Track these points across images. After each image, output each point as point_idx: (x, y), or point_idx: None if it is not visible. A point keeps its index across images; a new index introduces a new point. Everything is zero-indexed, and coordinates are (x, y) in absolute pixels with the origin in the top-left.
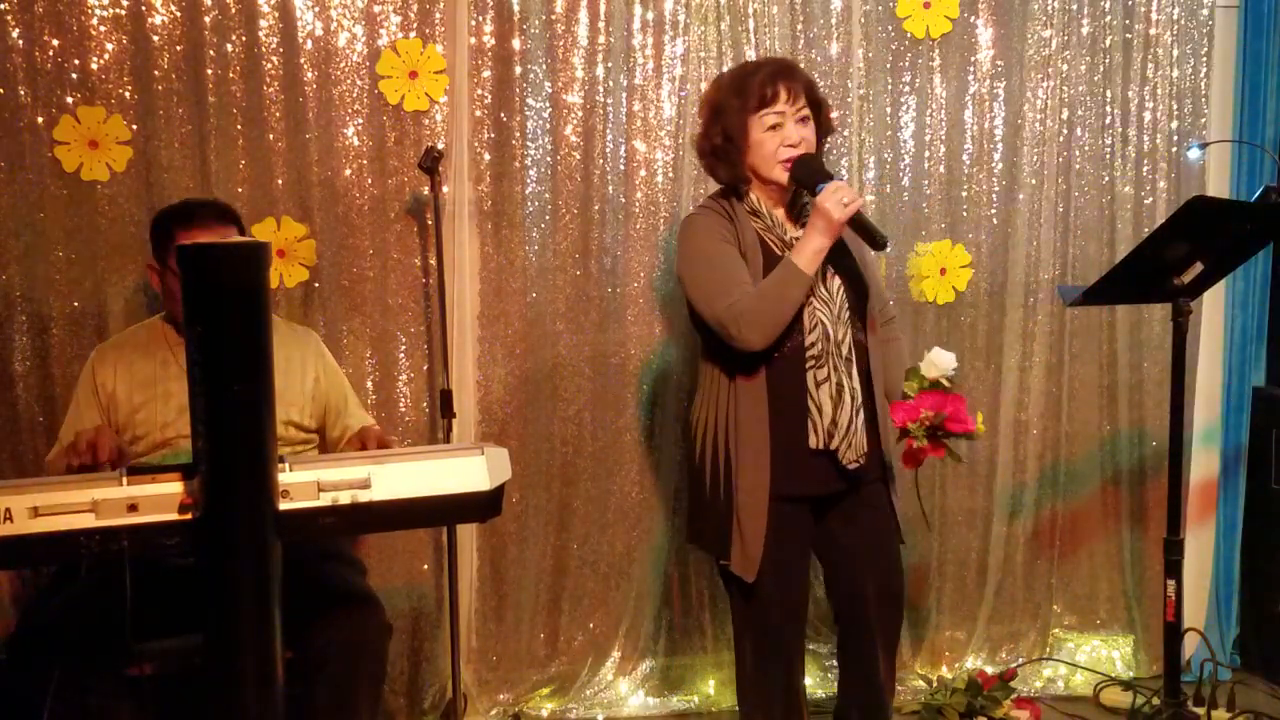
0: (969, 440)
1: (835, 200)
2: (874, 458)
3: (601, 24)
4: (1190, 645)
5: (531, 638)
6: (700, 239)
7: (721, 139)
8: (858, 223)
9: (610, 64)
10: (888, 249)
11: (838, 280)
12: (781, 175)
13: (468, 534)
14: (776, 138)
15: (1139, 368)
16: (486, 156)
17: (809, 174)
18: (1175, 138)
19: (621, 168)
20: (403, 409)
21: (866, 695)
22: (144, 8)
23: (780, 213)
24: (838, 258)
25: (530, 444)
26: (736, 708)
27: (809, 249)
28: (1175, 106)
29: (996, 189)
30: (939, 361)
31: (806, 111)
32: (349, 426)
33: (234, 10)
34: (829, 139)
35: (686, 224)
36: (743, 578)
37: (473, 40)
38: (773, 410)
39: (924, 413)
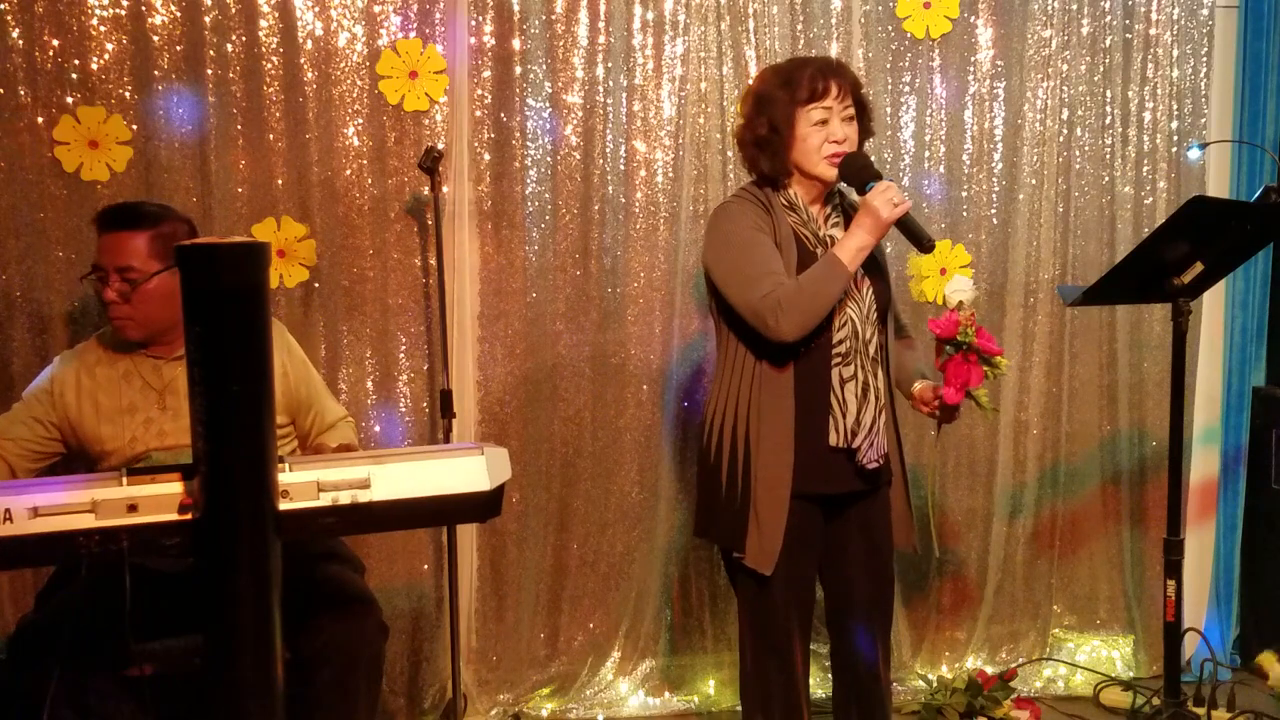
0: (994, 373)
1: (885, 199)
2: (890, 460)
3: (601, 24)
4: (1190, 645)
5: (531, 638)
6: (736, 226)
7: (767, 129)
8: (905, 224)
9: (610, 64)
10: (933, 251)
11: (867, 281)
12: (828, 171)
13: (468, 534)
14: (822, 133)
15: (1139, 368)
16: (486, 156)
17: (858, 171)
18: (1175, 138)
19: (621, 168)
20: (403, 409)
21: (862, 695)
22: (144, 8)
23: (816, 209)
24: (868, 261)
25: (530, 444)
26: (737, 707)
27: (853, 245)
28: (1175, 106)
29: (996, 189)
30: (962, 286)
31: (852, 111)
32: (323, 419)
33: (234, 10)
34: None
35: (721, 211)
36: (758, 570)
37: (473, 40)
38: (798, 405)
39: (964, 314)
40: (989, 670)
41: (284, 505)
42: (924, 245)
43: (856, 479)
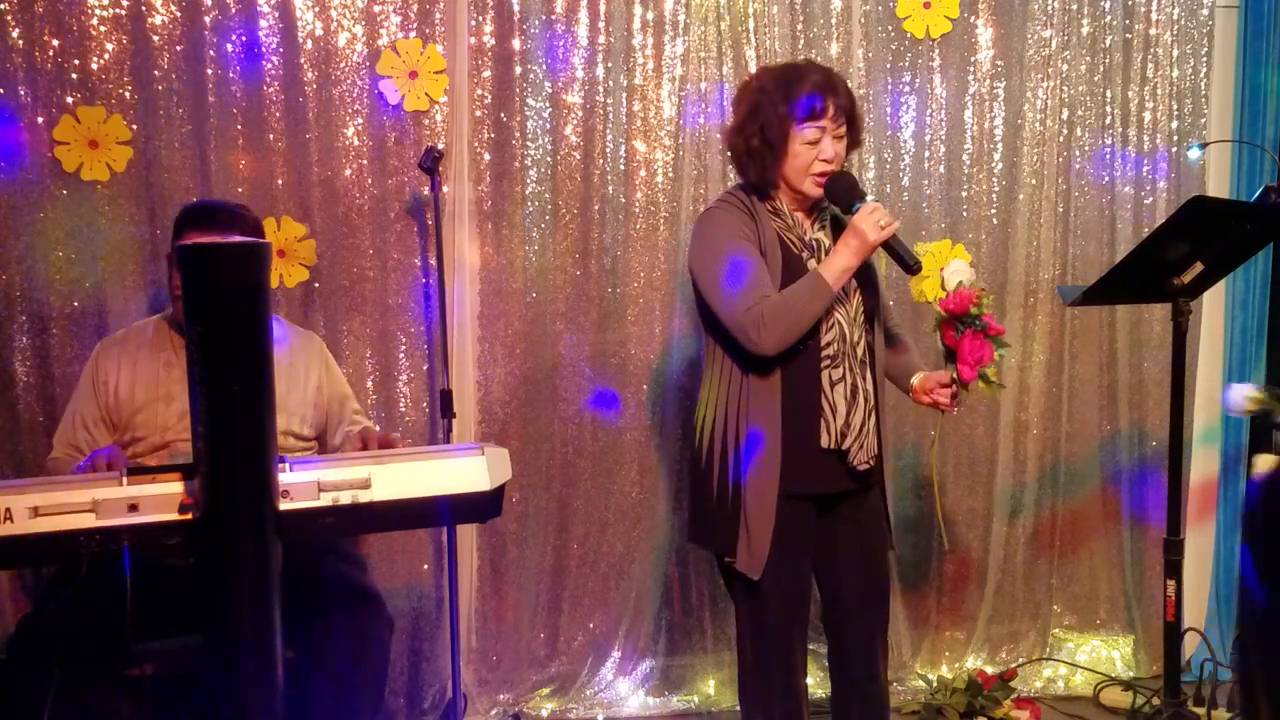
0: (999, 352)
1: (872, 222)
2: (880, 460)
3: (601, 24)
4: (1190, 645)
5: (531, 638)
6: (720, 234)
7: (759, 141)
8: (890, 246)
9: (610, 64)
10: (919, 273)
11: (855, 285)
12: (814, 190)
13: (468, 534)
14: (813, 152)
15: (1139, 368)
16: (486, 156)
17: (844, 192)
18: (1175, 138)
19: (621, 168)
20: (403, 409)
21: (861, 694)
22: (144, 8)
23: (801, 215)
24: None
25: (530, 444)
26: (737, 707)
27: (838, 266)
28: (1175, 106)
29: (996, 189)
30: (959, 268)
31: (844, 129)
32: (349, 433)
33: (234, 10)
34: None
35: (706, 218)
36: (748, 574)
37: (473, 40)
38: (785, 409)
39: (976, 287)
40: (989, 670)
41: (284, 505)
42: (910, 268)
43: (848, 479)
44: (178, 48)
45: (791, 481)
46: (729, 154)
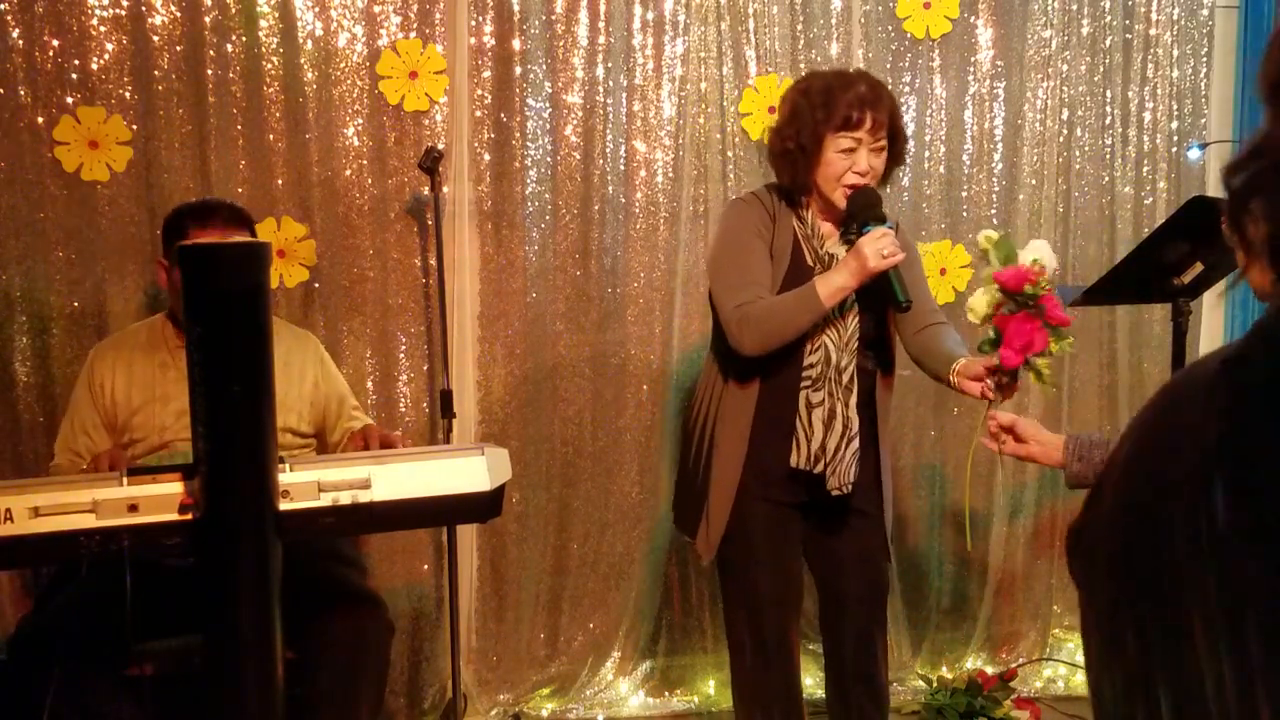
0: (1057, 345)
1: (875, 248)
2: (862, 485)
3: (601, 24)
4: None
5: (531, 638)
6: (734, 227)
7: (794, 144)
8: (888, 276)
9: (610, 64)
10: (908, 311)
11: (856, 309)
12: (841, 199)
13: (468, 534)
14: (847, 162)
15: (1139, 368)
16: (486, 156)
17: (863, 208)
18: (1175, 138)
19: (621, 168)
20: (403, 409)
21: (858, 695)
22: (144, 8)
23: (827, 226)
24: (865, 290)
25: (530, 444)
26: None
27: (834, 284)
28: (1175, 106)
29: (996, 189)
30: (1039, 248)
31: (884, 144)
32: (349, 430)
33: (234, 10)
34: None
35: (730, 208)
36: (702, 557)
37: (473, 40)
38: (756, 423)
39: (1036, 268)
40: (989, 670)
41: (284, 505)
42: (899, 305)
43: (805, 494)
44: (178, 48)
45: (756, 489)
46: (769, 156)
